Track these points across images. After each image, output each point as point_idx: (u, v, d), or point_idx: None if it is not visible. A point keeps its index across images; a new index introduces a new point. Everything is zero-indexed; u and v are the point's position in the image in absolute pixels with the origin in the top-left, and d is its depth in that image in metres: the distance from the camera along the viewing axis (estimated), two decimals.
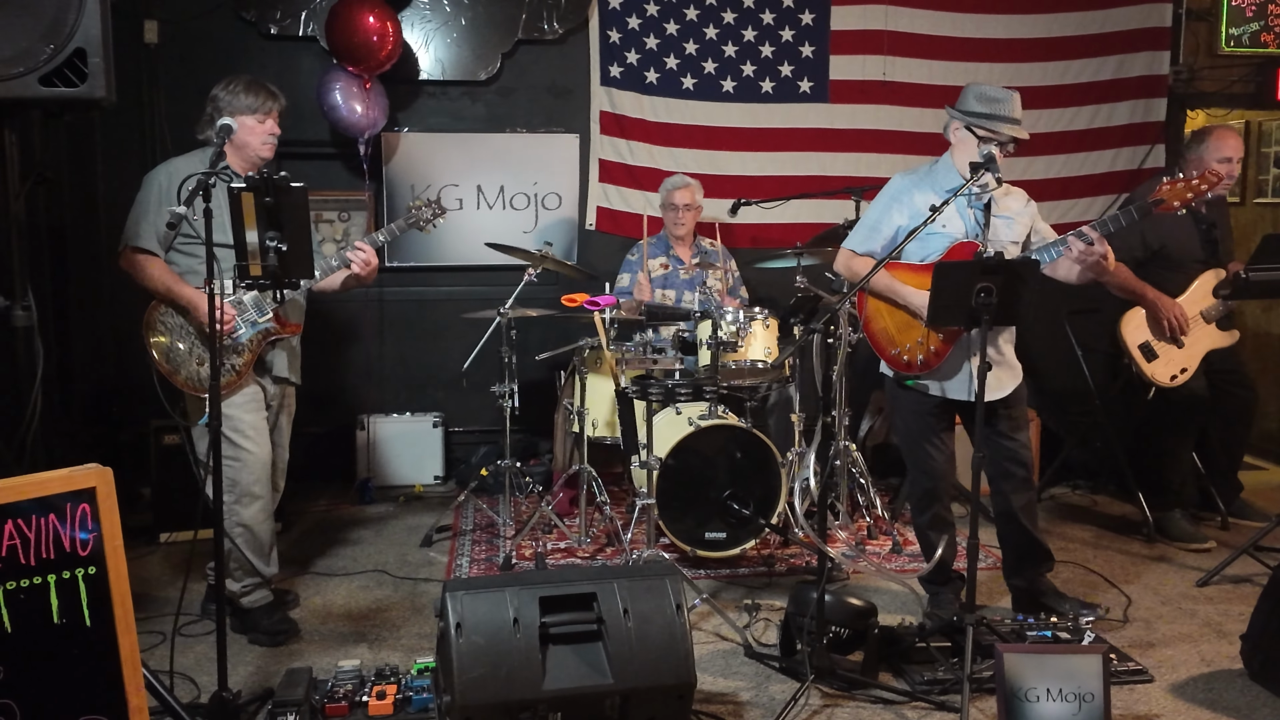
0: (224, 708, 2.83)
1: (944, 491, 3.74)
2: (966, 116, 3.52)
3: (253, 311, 3.56)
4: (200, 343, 3.52)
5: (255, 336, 3.56)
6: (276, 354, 3.72)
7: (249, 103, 3.55)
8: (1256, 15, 6.15)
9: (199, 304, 3.43)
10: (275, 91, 3.65)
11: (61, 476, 2.29)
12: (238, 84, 3.57)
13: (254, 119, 3.56)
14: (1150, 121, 6.19)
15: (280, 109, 3.66)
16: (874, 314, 3.68)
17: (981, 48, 6.01)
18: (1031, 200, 3.67)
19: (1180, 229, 4.48)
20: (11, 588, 2.22)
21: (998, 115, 3.46)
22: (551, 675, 2.71)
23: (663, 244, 5.31)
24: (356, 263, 3.65)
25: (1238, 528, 4.82)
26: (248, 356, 3.56)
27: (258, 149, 3.60)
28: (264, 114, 3.58)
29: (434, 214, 4.02)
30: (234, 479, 3.52)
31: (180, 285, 3.49)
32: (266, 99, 3.59)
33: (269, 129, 3.61)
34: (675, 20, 5.81)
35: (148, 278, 3.50)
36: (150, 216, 3.49)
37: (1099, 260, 3.41)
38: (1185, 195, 3.34)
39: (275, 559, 3.75)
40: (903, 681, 3.24)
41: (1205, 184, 3.30)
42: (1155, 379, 4.48)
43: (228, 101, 3.55)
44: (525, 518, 4.85)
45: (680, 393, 4.10)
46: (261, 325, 3.57)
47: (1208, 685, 3.29)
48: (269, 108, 3.60)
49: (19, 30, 2.49)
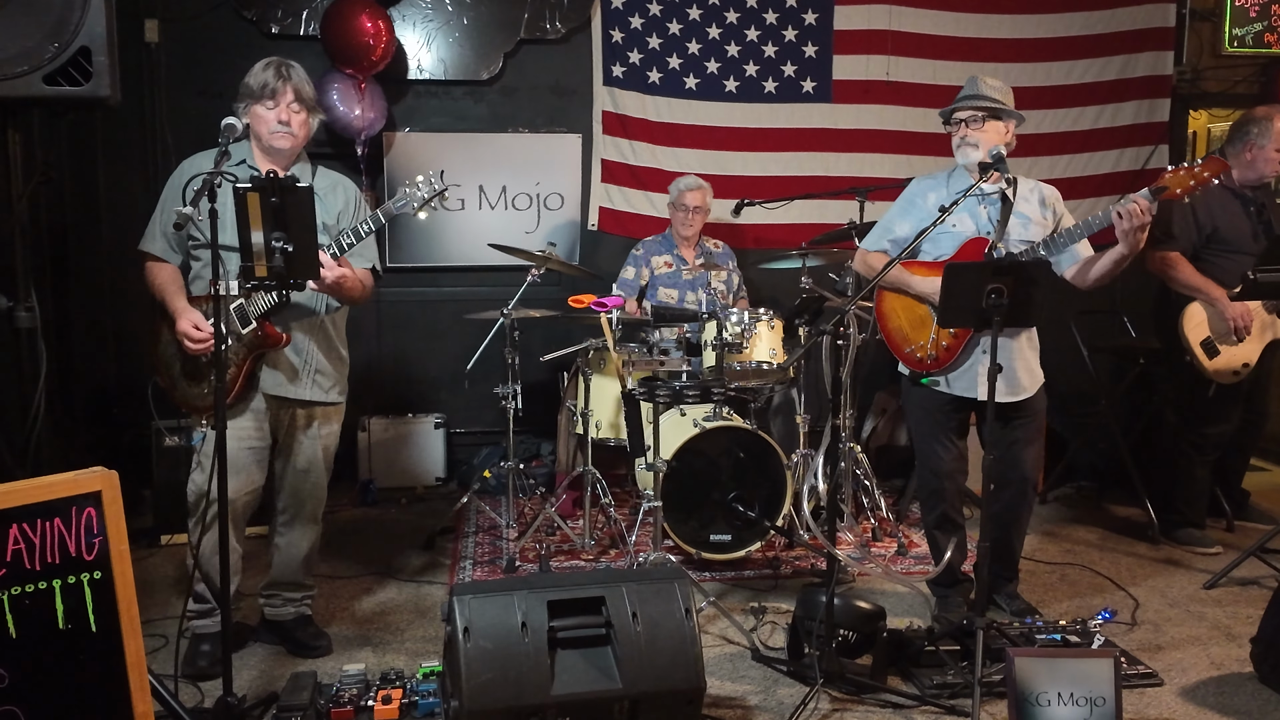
0: (229, 713, 2.81)
1: (951, 492, 3.72)
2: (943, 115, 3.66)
3: (234, 321, 3.22)
4: (188, 362, 3.28)
5: (239, 350, 3.24)
6: (268, 370, 3.34)
7: (256, 86, 3.22)
8: (1260, 15, 6.14)
9: (178, 317, 3.20)
10: (287, 71, 3.24)
11: (67, 480, 2.26)
12: (257, 66, 3.25)
13: (262, 106, 3.22)
14: (1154, 122, 6.18)
15: (294, 91, 3.24)
16: (889, 313, 3.69)
17: (985, 48, 6.00)
18: (1060, 201, 3.64)
19: (1228, 210, 4.42)
20: (16, 593, 2.19)
21: (958, 99, 3.60)
22: (560, 680, 2.69)
23: (668, 242, 5.29)
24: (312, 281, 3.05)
25: (1244, 530, 4.81)
26: (232, 371, 3.23)
27: (269, 139, 3.25)
28: (270, 99, 3.21)
29: (432, 192, 3.27)
30: (191, 503, 3.33)
31: (173, 297, 3.25)
32: (272, 80, 3.20)
33: (278, 116, 3.22)
34: (678, 20, 5.80)
35: (150, 284, 3.33)
36: (159, 218, 3.32)
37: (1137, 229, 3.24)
38: (1188, 183, 3.29)
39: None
40: (911, 685, 3.22)
41: (1208, 171, 3.27)
42: (1218, 376, 4.42)
43: (246, 87, 3.25)
44: (528, 519, 4.83)
45: (688, 394, 4.08)
46: (245, 337, 3.24)
47: (1218, 688, 3.27)
48: (273, 90, 3.20)
49: (23, 29, 2.47)
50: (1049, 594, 4.07)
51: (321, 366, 3.43)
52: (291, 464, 3.47)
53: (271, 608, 3.59)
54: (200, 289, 3.28)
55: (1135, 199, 3.24)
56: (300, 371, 3.39)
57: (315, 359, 3.41)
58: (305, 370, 3.40)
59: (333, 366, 3.47)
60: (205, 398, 3.29)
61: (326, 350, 3.45)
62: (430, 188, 3.28)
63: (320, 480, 3.54)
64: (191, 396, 3.33)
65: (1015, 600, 3.79)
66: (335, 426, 3.55)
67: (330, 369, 3.47)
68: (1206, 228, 4.42)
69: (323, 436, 3.50)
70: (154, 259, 3.34)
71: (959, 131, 3.57)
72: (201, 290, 3.26)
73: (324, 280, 3.13)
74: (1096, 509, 5.32)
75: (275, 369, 3.35)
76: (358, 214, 3.48)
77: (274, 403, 3.38)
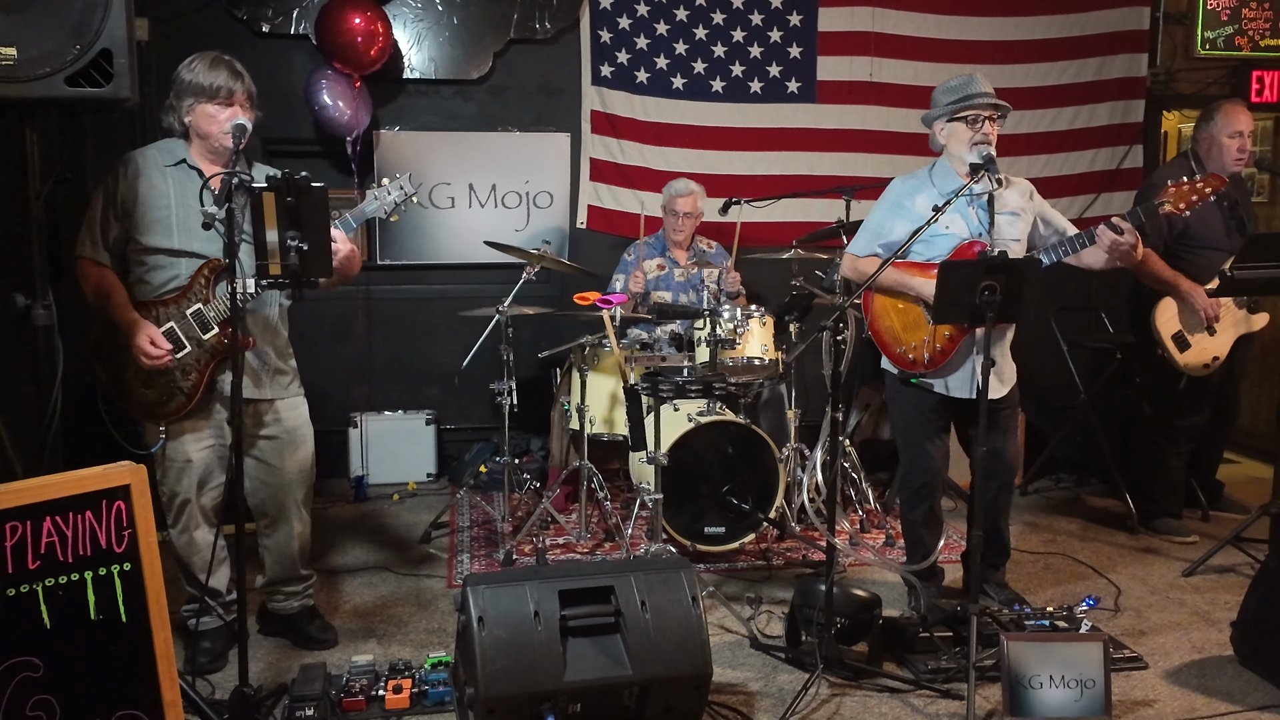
0: (245, 702, 2.86)
1: (938, 488, 3.83)
2: (945, 109, 3.63)
3: (194, 327, 3.19)
4: (134, 366, 3.19)
5: (201, 355, 3.20)
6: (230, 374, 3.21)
7: (208, 86, 3.13)
8: (1231, 19, 6.30)
9: (132, 332, 3.13)
10: (239, 70, 3.19)
11: (97, 474, 2.31)
12: (199, 62, 3.15)
13: (213, 105, 3.14)
14: (1129, 123, 6.32)
15: (246, 92, 3.21)
16: (880, 313, 3.76)
17: (965, 49, 6.11)
18: (1036, 193, 3.74)
19: (1202, 209, 4.54)
20: (50, 584, 2.24)
21: (969, 94, 3.58)
22: (572, 667, 2.77)
23: (659, 244, 5.36)
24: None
25: (1219, 520, 4.95)
26: (195, 378, 3.21)
27: (220, 140, 3.17)
28: (223, 100, 3.15)
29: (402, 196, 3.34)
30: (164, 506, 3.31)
31: (119, 309, 3.16)
32: (226, 81, 3.14)
33: (231, 116, 3.14)
34: (665, 21, 5.87)
35: (87, 292, 3.22)
36: (97, 223, 3.19)
37: (1129, 250, 3.52)
38: (1190, 198, 3.47)
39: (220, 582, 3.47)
40: (907, 671, 3.32)
41: (1209, 186, 3.42)
42: (1190, 369, 4.55)
43: (187, 84, 3.15)
44: (522, 514, 4.89)
45: (690, 389, 4.17)
46: (207, 343, 3.21)
47: (1200, 671, 3.40)
48: (229, 91, 3.14)
49: (45, 31, 2.50)
50: (1034, 582, 4.20)
51: (278, 365, 3.44)
52: (262, 464, 3.43)
53: (274, 603, 3.62)
54: (145, 294, 3.22)
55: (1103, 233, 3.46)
56: (259, 372, 3.38)
57: (271, 360, 3.41)
58: (264, 370, 3.39)
59: (285, 365, 3.48)
60: (166, 404, 3.23)
61: (279, 350, 3.45)
62: (400, 192, 3.35)
63: (299, 472, 3.47)
64: (150, 403, 3.24)
65: (1004, 589, 3.90)
66: (305, 415, 3.50)
67: (285, 366, 3.47)
68: (1178, 225, 4.53)
69: (294, 429, 3.46)
70: (91, 264, 3.21)
71: (978, 128, 3.55)
72: (147, 295, 3.22)
73: (338, 254, 3.16)
74: (1076, 501, 5.46)
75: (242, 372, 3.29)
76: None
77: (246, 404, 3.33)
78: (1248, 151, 4.54)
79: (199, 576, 3.36)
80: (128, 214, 3.19)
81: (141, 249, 3.21)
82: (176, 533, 3.38)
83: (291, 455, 3.45)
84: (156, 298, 3.22)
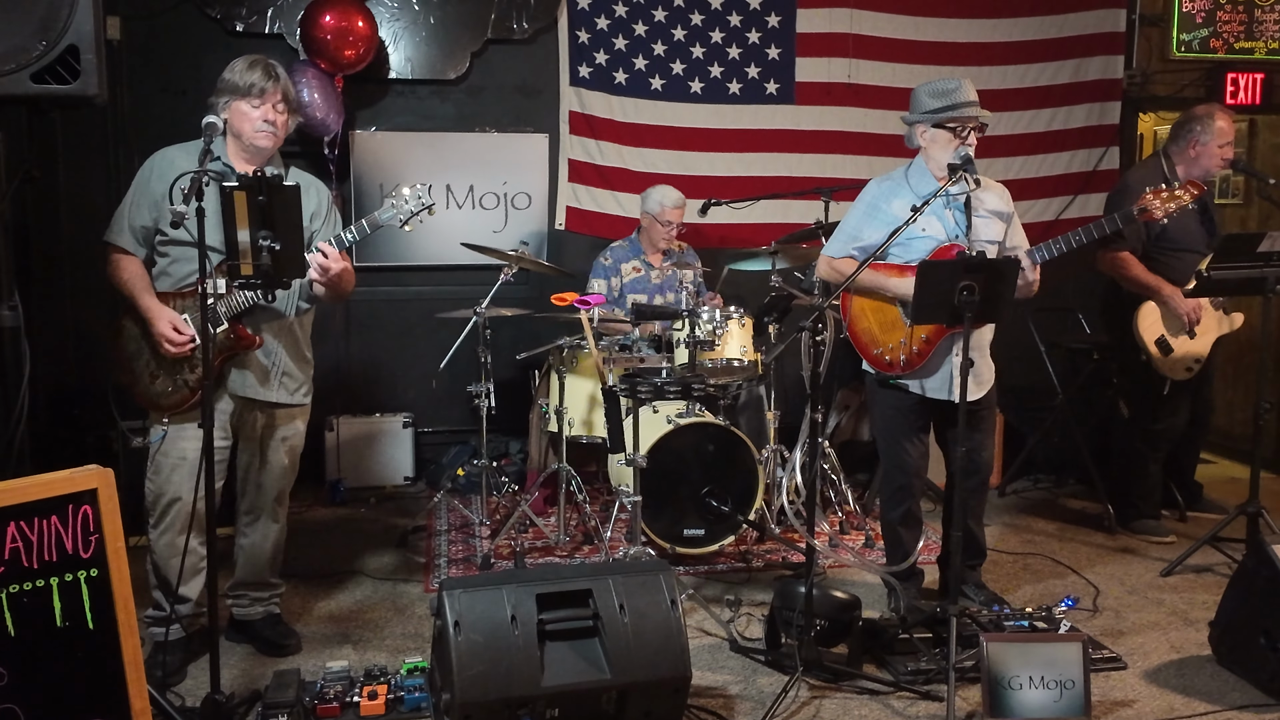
0: (217, 710, 2.82)
1: (918, 489, 3.82)
2: (932, 115, 3.58)
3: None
4: (154, 358, 3.28)
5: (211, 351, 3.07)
6: (237, 372, 3.32)
7: (242, 84, 3.20)
8: (1206, 21, 6.33)
9: (155, 318, 3.20)
10: (276, 72, 3.26)
11: (63, 478, 2.27)
12: (239, 63, 3.24)
13: (247, 103, 3.21)
14: (1105, 124, 6.34)
15: (282, 92, 3.27)
16: (858, 314, 3.74)
17: (943, 51, 6.12)
18: (1011, 202, 3.73)
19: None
20: (14, 591, 2.19)
21: (958, 103, 3.54)
22: (550, 671, 2.74)
23: (635, 248, 5.33)
24: (314, 268, 3.18)
25: (1196, 520, 4.96)
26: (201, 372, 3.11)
27: (251, 137, 3.23)
28: (258, 98, 3.20)
29: (420, 206, 3.32)
30: (149, 504, 3.35)
31: (144, 295, 3.23)
32: (260, 80, 3.20)
33: (264, 115, 3.22)
34: (644, 22, 5.85)
35: (117, 279, 3.28)
36: (128, 211, 3.26)
37: (1028, 285, 3.58)
38: (1169, 205, 3.47)
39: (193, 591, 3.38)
40: (886, 672, 3.31)
41: (1187, 194, 3.43)
42: (1172, 373, 4.56)
43: (225, 82, 3.23)
44: (500, 518, 4.86)
45: (669, 391, 4.14)
46: (218, 339, 3.20)
47: (1179, 671, 3.40)
48: (262, 89, 3.20)
49: (11, 26, 2.46)
50: (1012, 582, 4.20)
51: (289, 369, 3.43)
52: (256, 464, 3.46)
53: (240, 607, 3.59)
54: (166, 285, 3.28)
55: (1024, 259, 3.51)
56: (269, 374, 3.39)
57: (283, 361, 3.41)
58: (274, 372, 3.40)
59: (299, 369, 3.49)
60: (170, 395, 3.28)
61: (294, 353, 3.46)
62: (419, 202, 3.33)
63: (285, 479, 3.54)
64: (155, 394, 3.30)
65: (982, 590, 3.90)
66: (301, 427, 3.56)
67: (297, 371, 3.47)
68: (1155, 228, 4.53)
69: (289, 437, 3.50)
70: (120, 252, 3.28)
71: (964, 137, 3.53)
72: (168, 286, 3.28)
73: (328, 271, 3.19)
74: (1054, 501, 5.47)
75: (244, 370, 3.34)
76: (329, 216, 3.48)
77: (240, 404, 3.38)
78: (1229, 159, 4.57)
79: (172, 581, 3.31)
80: (155, 205, 3.23)
81: (167, 241, 3.25)
82: (158, 534, 3.36)
83: (284, 462, 3.49)
84: (177, 290, 3.28)
